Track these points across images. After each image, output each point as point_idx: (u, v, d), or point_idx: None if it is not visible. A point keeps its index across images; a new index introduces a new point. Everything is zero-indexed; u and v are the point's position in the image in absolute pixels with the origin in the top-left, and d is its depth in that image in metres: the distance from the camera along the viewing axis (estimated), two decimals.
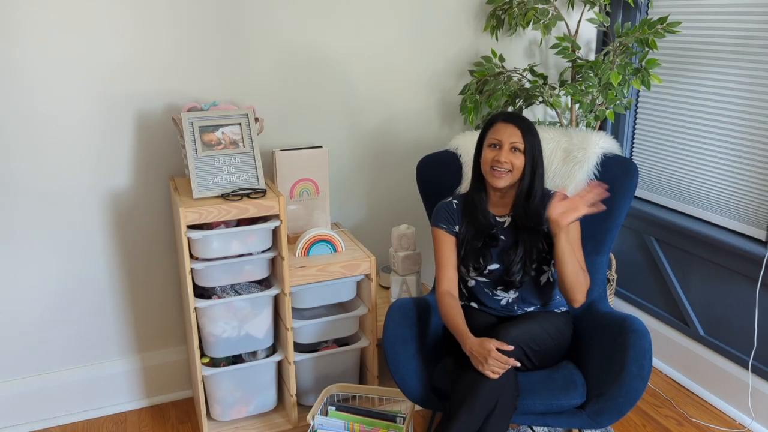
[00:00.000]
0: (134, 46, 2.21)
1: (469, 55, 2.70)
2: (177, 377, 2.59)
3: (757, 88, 2.26)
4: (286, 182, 2.38)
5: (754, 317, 2.35)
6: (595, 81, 2.44)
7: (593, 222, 2.15)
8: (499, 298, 2.02)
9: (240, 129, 2.12)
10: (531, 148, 1.92)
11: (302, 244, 2.29)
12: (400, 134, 2.69)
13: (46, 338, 2.38)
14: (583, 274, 1.92)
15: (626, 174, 2.13)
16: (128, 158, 2.31)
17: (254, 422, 2.35)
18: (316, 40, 2.44)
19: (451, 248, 2.03)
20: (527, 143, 1.91)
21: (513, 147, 1.91)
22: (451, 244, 2.04)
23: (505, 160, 1.90)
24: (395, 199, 2.77)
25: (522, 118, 1.96)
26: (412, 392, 1.93)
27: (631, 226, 2.81)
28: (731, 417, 2.46)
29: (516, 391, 1.78)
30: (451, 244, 2.04)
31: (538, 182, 1.96)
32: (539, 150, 1.95)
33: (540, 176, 1.96)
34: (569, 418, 1.87)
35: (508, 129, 1.92)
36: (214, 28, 2.29)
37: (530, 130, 1.94)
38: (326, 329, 2.32)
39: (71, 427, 2.44)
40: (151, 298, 2.48)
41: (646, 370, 1.79)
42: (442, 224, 2.05)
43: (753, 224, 2.35)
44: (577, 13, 2.77)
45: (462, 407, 1.71)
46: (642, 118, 2.78)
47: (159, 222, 2.41)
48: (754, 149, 2.31)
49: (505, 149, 1.91)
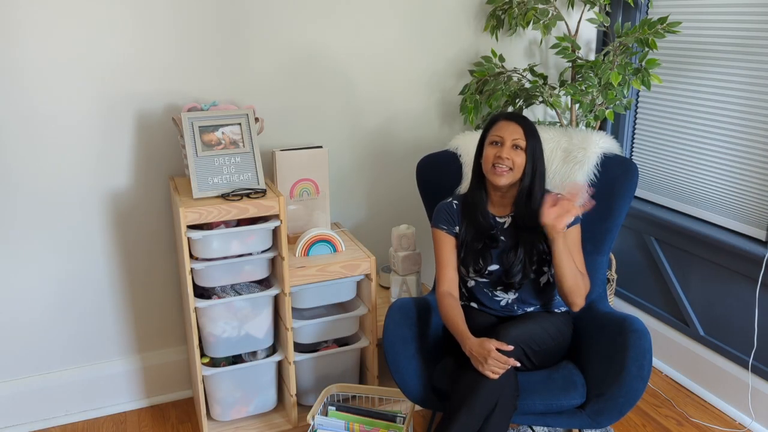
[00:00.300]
0: (134, 46, 2.21)
1: (469, 55, 2.70)
2: (177, 377, 2.59)
3: (757, 88, 2.26)
4: (286, 182, 2.38)
5: (754, 317, 2.35)
6: (595, 81, 2.44)
7: (593, 222, 2.15)
8: (499, 298, 2.02)
9: (240, 129, 2.12)
10: (532, 147, 1.93)
11: (302, 244, 2.29)
12: (400, 134, 2.69)
13: (46, 338, 2.38)
14: (583, 279, 1.92)
15: (626, 174, 2.13)
16: (128, 158, 2.31)
17: (254, 422, 2.35)
18: (317, 40, 2.44)
19: (451, 249, 2.03)
20: (529, 142, 1.92)
21: (515, 144, 1.91)
22: (451, 245, 2.04)
23: (506, 157, 1.90)
24: (395, 199, 2.77)
25: (524, 118, 1.96)
26: (412, 392, 1.93)
27: (631, 226, 2.81)
28: (731, 417, 2.46)
29: (516, 391, 1.78)
30: (451, 245, 2.04)
31: (538, 182, 1.96)
32: (540, 150, 1.95)
33: (541, 176, 1.96)
34: (569, 418, 1.87)
35: (510, 126, 1.92)
36: (214, 28, 2.29)
37: (532, 129, 1.94)
38: (326, 329, 2.32)
39: (71, 427, 2.44)
40: (151, 298, 2.48)
41: (646, 370, 1.79)
42: (442, 225, 2.05)
43: (753, 224, 2.35)
44: (577, 13, 2.77)
45: (462, 408, 1.71)
46: (642, 118, 2.78)
47: (159, 222, 2.41)
48: (754, 149, 2.31)
49: (506, 146, 1.91)
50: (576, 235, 1.99)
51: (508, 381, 1.75)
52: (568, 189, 1.91)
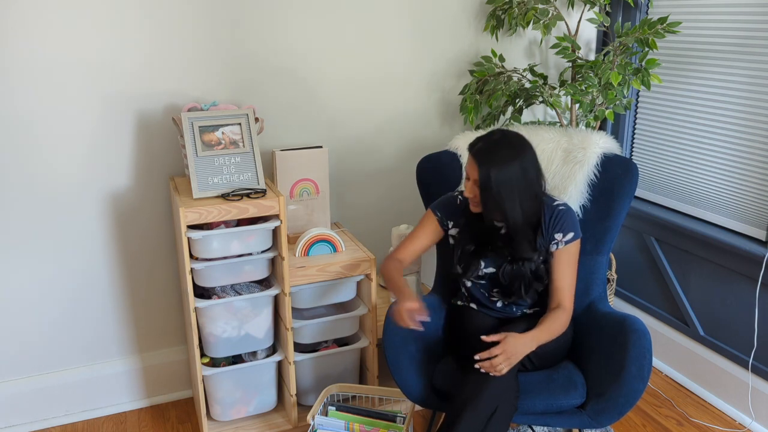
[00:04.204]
0: (134, 46, 2.21)
1: (469, 55, 2.70)
2: (177, 377, 2.59)
3: (757, 88, 2.26)
4: (286, 182, 2.38)
5: (754, 317, 2.35)
6: (595, 81, 2.44)
7: (593, 222, 2.15)
8: (496, 299, 2.02)
9: (240, 129, 2.12)
10: (484, 178, 1.79)
11: (302, 244, 2.29)
12: (400, 134, 2.69)
13: (46, 338, 2.38)
14: (563, 325, 1.88)
15: (626, 174, 2.13)
16: (128, 158, 2.31)
17: (254, 422, 2.35)
18: (317, 39, 2.44)
19: (430, 235, 2.06)
20: (480, 174, 1.80)
21: (475, 180, 1.85)
22: (433, 232, 2.06)
23: (468, 194, 1.88)
24: (395, 199, 2.77)
25: (481, 151, 1.81)
26: (413, 392, 1.93)
27: (631, 226, 2.81)
28: (731, 417, 2.46)
29: (516, 392, 1.78)
30: (434, 232, 2.06)
31: (510, 206, 1.82)
32: (502, 176, 1.79)
33: (514, 209, 1.82)
34: (569, 417, 1.88)
35: (470, 162, 1.85)
36: (214, 28, 2.29)
37: (487, 161, 1.79)
38: (326, 329, 2.32)
39: (71, 427, 2.44)
40: (151, 298, 2.48)
41: (647, 370, 1.79)
42: (438, 212, 2.06)
43: (753, 224, 2.35)
44: (577, 13, 2.77)
45: (466, 408, 1.71)
46: (642, 118, 2.78)
47: (159, 222, 2.41)
48: (754, 149, 2.31)
49: (471, 182, 1.86)
50: (573, 251, 1.93)
51: (510, 382, 1.75)
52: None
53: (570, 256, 1.92)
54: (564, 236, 1.90)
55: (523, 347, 1.77)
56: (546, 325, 1.85)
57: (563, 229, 1.91)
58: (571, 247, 1.92)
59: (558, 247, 1.91)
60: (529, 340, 1.79)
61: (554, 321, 1.87)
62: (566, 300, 1.92)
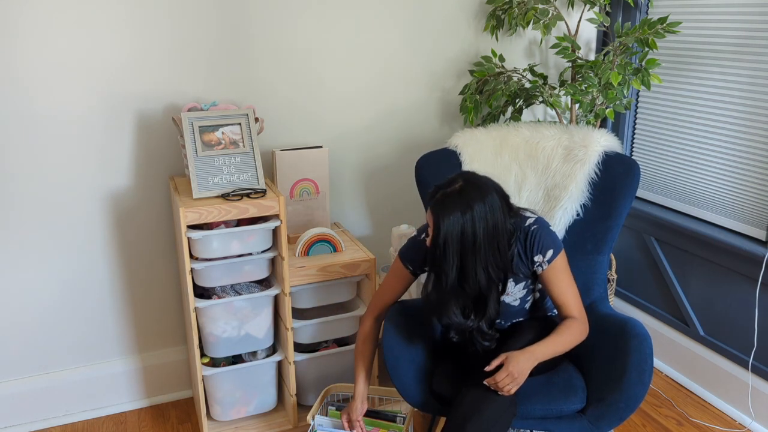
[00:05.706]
0: (135, 46, 2.21)
1: (469, 55, 2.70)
2: (177, 377, 2.59)
3: (757, 88, 2.26)
4: (286, 182, 2.38)
5: (754, 317, 2.35)
6: (595, 81, 2.43)
7: (594, 221, 2.15)
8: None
9: (240, 129, 2.12)
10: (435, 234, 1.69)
11: (302, 244, 2.29)
12: (400, 134, 2.69)
13: (46, 338, 2.38)
14: (579, 333, 1.81)
15: (628, 173, 2.11)
16: (128, 158, 2.31)
17: (254, 422, 2.35)
18: (317, 39, 2.44)
19: (402, 283, 1.99)
20: (435, 232, 1.70)
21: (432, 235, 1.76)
22: (404, 280, 1.98)
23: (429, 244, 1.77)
24: (395, 199, 2.77)
25: (438, 202, 1.69)
26: (412, 396, 1.91)
27: (631, 226, 2.81)
28: (731, 417, 2.46)
29: (515, 397, 1.76)
30: (407, 280, 1.98)
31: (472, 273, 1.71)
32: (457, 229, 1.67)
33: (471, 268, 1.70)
34: (569, 423, 1.84)
35: (429, 217, 1.74)
36: (214, 28, 2.29)
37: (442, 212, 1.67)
38: (326, 329, 2.32)
39: (71, 427, 2.44)
40: (151, 298, 2.48)
41: (647, 375, 1.76)
42: (408, 264, 1.96)
43: (753, 224, 2.35)
44: (577, 13, 2.77)
45: (469, 422, 1.68)
46: (642, 118, 2.78)
47: (159, 222, 2.41)
48: (754, 149, 2.31)
49: (431, 237, 1.75)
50: (561, 266, 1.83)
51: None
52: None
53: (559, 271, 1.82)
54: (544, 257, 1.81)
55: (526, 363, 1.69)
56: (554, 338, 1.77)
57: (541, 249, 1.80)
58: (556, 263, 1.81)
59: (543, 268, 1.82)
60: (530, 355, 1.71)
61: (563, 333, 1.79)
62: (574, 311, 1.83)
